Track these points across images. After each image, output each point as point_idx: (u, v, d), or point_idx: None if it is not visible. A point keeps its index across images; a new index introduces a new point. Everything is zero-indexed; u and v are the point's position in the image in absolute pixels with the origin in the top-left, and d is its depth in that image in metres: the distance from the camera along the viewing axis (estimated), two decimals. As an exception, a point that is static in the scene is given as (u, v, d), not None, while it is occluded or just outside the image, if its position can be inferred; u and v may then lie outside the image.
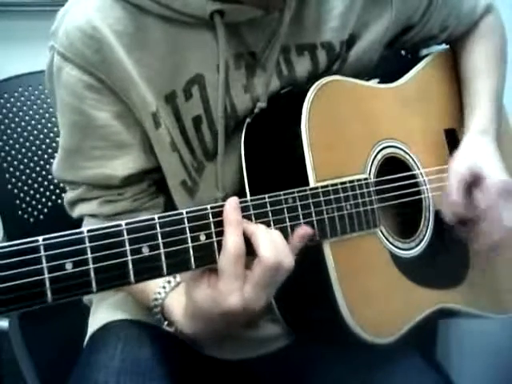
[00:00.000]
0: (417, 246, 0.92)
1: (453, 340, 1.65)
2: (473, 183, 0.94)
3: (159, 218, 0.62)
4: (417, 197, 0.95)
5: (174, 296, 0.82)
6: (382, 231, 0.86)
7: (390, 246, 0.87)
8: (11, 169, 1.22)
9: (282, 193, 0.73)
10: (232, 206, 0.68)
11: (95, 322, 1.01)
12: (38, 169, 1.24)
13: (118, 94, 0.82)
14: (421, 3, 1.00)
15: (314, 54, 0.91)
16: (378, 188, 0.87)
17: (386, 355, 0.91)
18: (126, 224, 0.60)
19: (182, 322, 0.78)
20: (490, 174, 0.93)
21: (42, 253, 0.54)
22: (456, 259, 1.00)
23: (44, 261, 0.54)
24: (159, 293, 0.83)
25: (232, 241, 0.66)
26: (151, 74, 0.82)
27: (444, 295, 0.95)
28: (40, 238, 0.55)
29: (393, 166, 0.92)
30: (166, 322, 0.83)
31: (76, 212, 0.93)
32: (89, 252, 0.57)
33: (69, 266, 0.56)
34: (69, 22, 0.81)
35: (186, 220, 0.64)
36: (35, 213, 1.24)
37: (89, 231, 0.57)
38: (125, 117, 0.84)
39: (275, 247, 0.68)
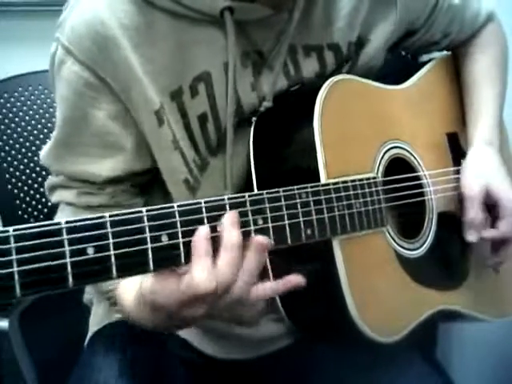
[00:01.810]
0: (420, 246, 0.93)
1: (453, 340, 1.66)
2: (487, 202, 0.98)
3: (178, 206, 0.62)
4: (421, 198, 0.96)
5: (126, 282, 0.78)
6: (388, 231, 0.87)
7: (396, 245, 0.88)
8: (11, 169, 1.21)
9: (295, 187, 0.73)
10: (202, 235, 0.62)
11: (96, 322, 1.00)
12: (37, 169, 1.23)
13: (118, 95, 0.81)
14: (425, 7, 1.01)
15: (321, 55, 0.91)
16: (385, 187, 0.87)
17: (387, 355, 0.91)
18: (147, 211, 0.59)
19: (131, 309, 0.74)
20: (504, 197, 0.97)
21: (65, 236, 0.54)
22: (456, 262, 1.01)
23: (66, 244, 0.54)
24: None
25: (200, 277, 0.61)
26: (157, 70, 0.81)
27: (446, 296, 0.95)
28: (63, 221, 0.54)
29: (398, 166, 0.93)
30: (116, 307, 0.80)
31: (54, 197, 0.92)
32: (110, 237, 0.56)
33: (90, 251, 0.55)
34: (77, 15, 0.80)
35: (203, 209, 0.63)
36: (35, 213, 1.23)
37: (110, 216, 0.57)
38: (121, 118, 0.83)
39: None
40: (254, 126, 0.87)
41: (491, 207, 0.99)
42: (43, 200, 1.24)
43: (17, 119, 1.23)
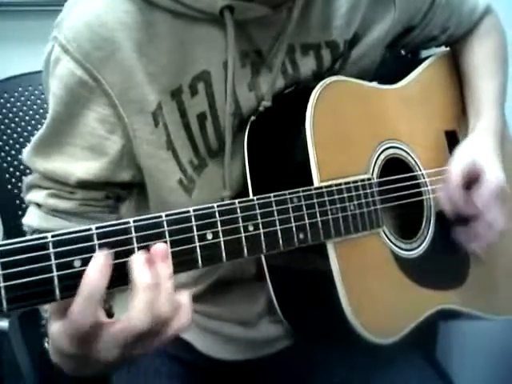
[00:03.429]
0: (418, 246, 0.92)
1: (453, 340, 1.66)
2: (472, 180, 0.95)
3: (166, 215, 0.62)
4: (418, 198, 0.95)
5: None
6: (384, 231, 0.86)
7: (393, 246, 0.88)
8: (11, 169, 1.22)
9: (287, 192, 0.73)
10: (97, 269, 0.56)
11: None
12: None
13: (111, 98, 0.79)
14: (423, 4, 1.00)
15: (318, 53, 0.91)
16: (380, 188, 0.87)
17: (387, 355, 0.91)
18: (134, 221, 0.59)
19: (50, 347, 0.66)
20: (488, 174, 0.94)
21: (51, 250, 0.54)
22: (457, 260, 1.00)
23: (53, 258, 0.54)
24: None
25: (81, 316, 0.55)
26: (157, 69, 0.80)
27: (445, 296, 0.95)
28: (49, 235, 0.54)
29: (395, 166, 0.92)
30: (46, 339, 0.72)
31: (28, 197, 0.89)
32: (97, 249, 0.56)
33: (77, 264, 0.55)
34: (76, 15, 0.79)
35: (192, 218, 0.63)
36: (35, 213, 1.23)
37: (97, 228, 0.57)
38: (110, 123, 0.81)
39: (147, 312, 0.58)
40: (248, 126, 0.87)
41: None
42: (43, 200, 1.24)
43: (17, 119, 1.23)
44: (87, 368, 0.62)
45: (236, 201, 0.68)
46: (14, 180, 1.22)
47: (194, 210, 0.64)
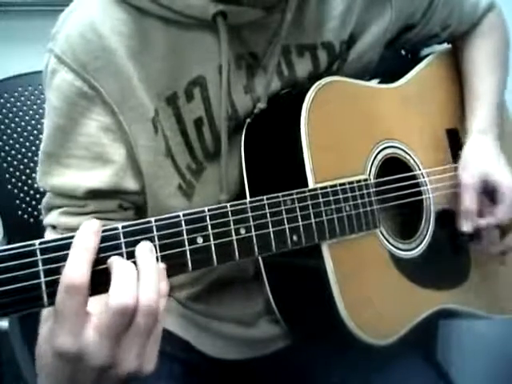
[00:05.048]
0: (417, 246, 0.92)
1: (453, 340, 1.65)
2: (485, 192, 0.97)
3: (156, 220, 0.62)
4: (418, 197, 0.95)
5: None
6: (381, 232, 0.86)
7: (390, 246, 0.87)
8: (11, 169, 1.21)
9: (280, 194, 0.73)
10: (90, 229, 0.59)
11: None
12: (37, 169, 1.24)
13: (111, 106, 0.79)
14: (421, 2, 0.99)
15: (314, 54, 0.90)
16: (378, 189, 0.86)
17: (387, 355, 0.91)
18: (123, 227, 0.59)
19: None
20: (503, 184, 0.96)
21: (39, 256, 0.54)
22: (457, 260, 1.00)
23: (40, 264, 0.54)
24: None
25: (72, 268, 0.55)
26: (152, 76, 0.80)
27: (444, 296, 0.95)
28: (36, 242, 0.54)
29: (393, 166, 0.92)
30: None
31: (44, 221, 0.86)
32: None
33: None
34: (71, 26, 0.79)
35: (183, 222, 0.63)
36: (35, 213, 1.23)
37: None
38: (112, 131, 0.80)
39: (125, 287, 0.56)
40: (245, 128, 0.86)
41: (490, 195, 0.97)
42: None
43: (17, 119, 1.23)
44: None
45: (228, 204, 0.68)
46: (13, 180, 1.22)
47: (184, 215, 0.64)
